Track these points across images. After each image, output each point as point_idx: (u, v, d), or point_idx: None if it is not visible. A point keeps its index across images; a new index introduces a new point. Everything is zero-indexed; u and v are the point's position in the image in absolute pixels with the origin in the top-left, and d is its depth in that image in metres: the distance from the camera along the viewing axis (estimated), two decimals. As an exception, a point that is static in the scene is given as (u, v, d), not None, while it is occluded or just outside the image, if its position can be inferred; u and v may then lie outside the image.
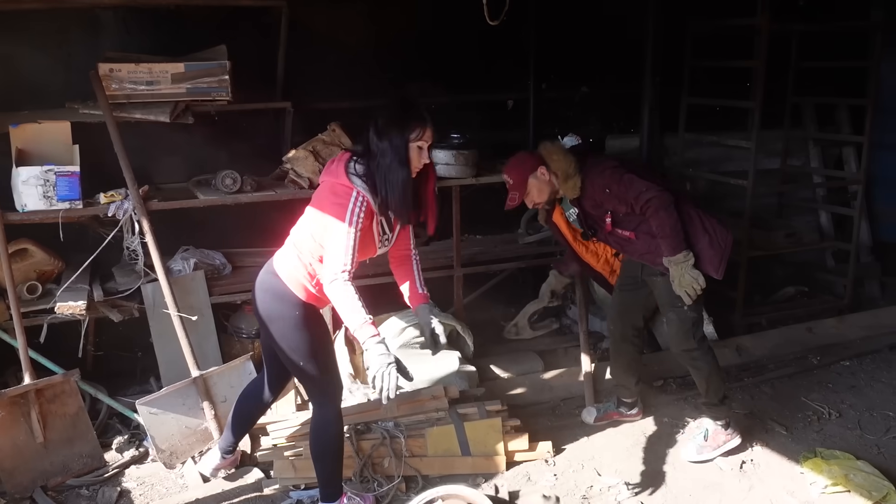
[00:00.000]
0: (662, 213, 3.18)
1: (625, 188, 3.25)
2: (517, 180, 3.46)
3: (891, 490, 3.16)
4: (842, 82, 5.29)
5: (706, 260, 3.23)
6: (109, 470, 3.37)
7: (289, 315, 2.78)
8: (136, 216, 3.53)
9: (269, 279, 2.83)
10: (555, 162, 3.39)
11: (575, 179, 3.36)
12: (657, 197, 3.18)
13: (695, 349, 3.38)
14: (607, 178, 3.30)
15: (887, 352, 4.54)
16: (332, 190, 2.67)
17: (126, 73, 3.63)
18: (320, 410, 2.91)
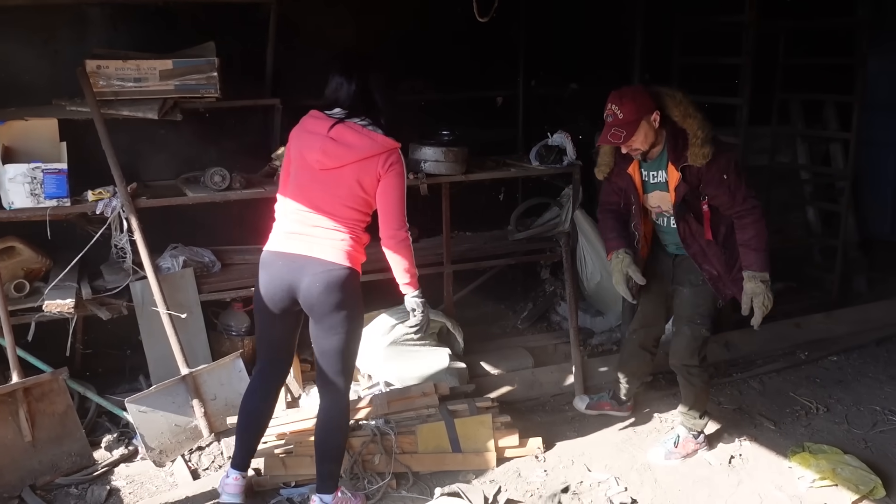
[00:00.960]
0: (762, 223, 3.08)
1: (738, 182, 3.05)
2: (629, 117, 3.01)
3: (878, 484, 3.19)
4: (829, 79, 5.33)
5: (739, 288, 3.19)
6: (98, 468, 3.35)
7: (354, 296, 2.80)
8: (125, 214, 3.51)
9: (326, 273, 2.73)
10: (691, 116, 3.03)
11: (709, 148, 3.02)
12: (760, 208, 3.08)
13: (695, 367, 3.37)
14: (728, 162, 3.05)
15: (874, 347, 4.58)
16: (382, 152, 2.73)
17: (114, 69, 3.61)
18: (340, 399, 2.90)
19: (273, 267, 2.82)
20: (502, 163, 4.43)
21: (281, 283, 2.80)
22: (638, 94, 3.07)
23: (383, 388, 3.76)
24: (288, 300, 2.83)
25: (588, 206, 4.59)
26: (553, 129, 4.42)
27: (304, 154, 2.79)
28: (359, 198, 2.77)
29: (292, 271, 2.77)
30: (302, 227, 2.80)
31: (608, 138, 3.04)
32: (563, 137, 4.35)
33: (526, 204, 4.73)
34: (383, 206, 2.78)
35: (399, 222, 2.79)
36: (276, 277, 2.81)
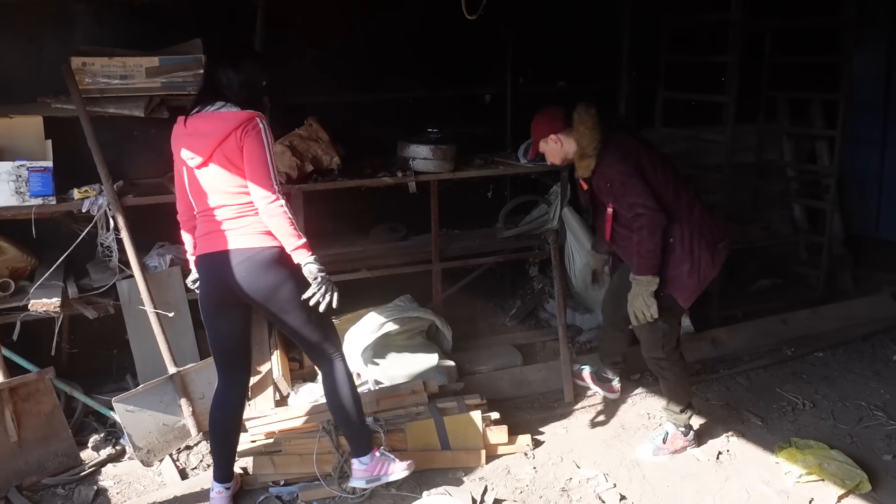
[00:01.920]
0: (646, 232, 3.14)
1: (624, 191, 3.18)
2: (533, 138, 3.48)
3: (863, 478, 3.21)
4: (815, 77, 5.36)
5: (679, 287, 3.24)
6: (86, 468, 3.33)
7: (285, 272, 2.77)
8: (111, 212, 3.49)
9: (248, 260, 2.73)
10: (579, 133, 3.28)
11: (590, 161, 3.26)
12: (648, 216, 3.12)
13: (663, 359, 3.39)
14: (614, 172, 3.20)
15: (860, 342, 4.62)
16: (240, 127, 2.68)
17: (99, 66, 3.58)
18: (336, 362, 2.94)
19: (204, 270, 2.86)
20: (490, 160, 4.44)
21: (216, 283, 2.82)
22: (543, 116, 3.44)
23: (372, 386, 3.76)
24: (228, 296, 2.82)
25: (576, 203, 4.60)
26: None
27: (179, 161, 2.83)
28: (240, 177, 2.72)
29: (221, 268, 2.77)
30: (211, 225, 2.80)
31: (528, 154, 3.60)
32: (551, 135, 4.34)
33: (514, 202, 4.74)
34: (249, 174, 2.70)
35: (267, 188, 2.68)
36: (210, 278, 2.84)
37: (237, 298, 2.83)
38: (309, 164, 3.88)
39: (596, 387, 3.94)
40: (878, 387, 4.11)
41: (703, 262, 3.23)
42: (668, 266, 3.23)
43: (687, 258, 3.22)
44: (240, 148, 2.68)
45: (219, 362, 2.99)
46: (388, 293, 4.20)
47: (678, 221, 3.22)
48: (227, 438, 3.04)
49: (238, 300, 2.84)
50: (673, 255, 3.21)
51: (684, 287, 3.24)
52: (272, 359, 3.93)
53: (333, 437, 3.27)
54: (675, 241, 3.21)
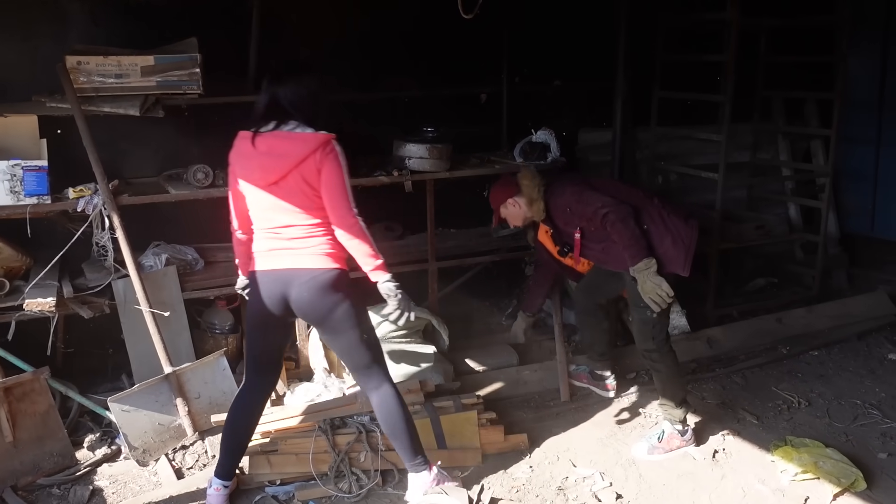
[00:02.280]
0: (620, 224, 3.29)
1: (583, 206, 3.39)
2: (494, 207, 3.77)
3: (859, 476, 3.22)
4: (810, 77, 5.37)
5: (671, 259, 3.33)
6: (81, 468, 3.32)
7: (343, 293, 2.82)
8: (106, 211, 3.49)
9: (312, 280, 2.77)
10: (524, 187, 3.59)
11: (538, 203, 3.57)
12: (613, 210, 3.30)
13: (654, 351, 3.44)
14: (567, 198, 3.48)
15: (855, 341, 4.63)
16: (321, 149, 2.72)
17: (94, 65, 3.57)
18: (388, 385, 2.95)
19: (263, 283, 2.85)
20: (486, 159, 4.44)
21: (273, 298, 2.83)
22: (498, 188, 3.74)
23: (368, 385, 3.75)
24: (282, 310, 2.86)
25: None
26: (537, 126, 4.43)
27: (246, 178, 2.80)
28: (312, 196, 2.75)
29: (282, 285, 2.80)
30: (276, 242, 2.81)
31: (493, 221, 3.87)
32: (547, 134, 4.36)
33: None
34: (327, 197, 2.74)
35: (345, 208, 2.74)
36: (267, 293, 2.84)
37: (288, 314, 2.88)
38: (305, 164, 3.87)
39: (592, 386, 3.97)
40: (873, 385, 4.12)
41: (681, 228, 3.36)
42: (652, 247, 3.33)
43: (665, 232, 3.35)
44: (318, 170, 2.70)
45: (251, 366, 3.02)
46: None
47: (644, 210, 3.39)
48: (239, 438, 3.04)
49: (288, 316, 2.91)
50: (652, 235, 3.35)
51: (675, 257, 3.33)
52: (268, 358, 3.92)
53: (329, 437, 3.27)
54: (649, 224, 3.36)
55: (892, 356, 4.45)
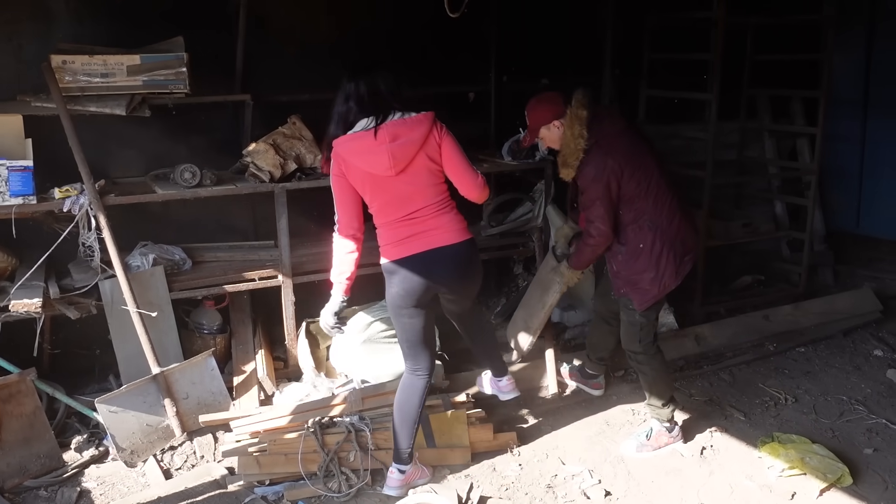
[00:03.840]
0: (588, 250, 3.36)
1: (588, 204, 3.25)
2: (531, 125, 3.39)
3: (845, 472, 3.25)
4: (796, 75, 5.40)
5: (639, 291, 3.30)
6: (68, 470, 3.31)
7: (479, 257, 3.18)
8: (93, 211, 3.46)
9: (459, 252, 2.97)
10: (566, 138, 3.24)
11: (570, 171, 3.29)
12: (596, 238, 3.28)
13: (639, 353, 3.43)
14: (587, 183, 3.23)
15: (841, 337, 4.66)
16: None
17: (80, 64, 3.55)
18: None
19: (411, 268, 2.94)
20: (475, 158, 4.42)
21: (423, 278, 2.94)
22: (541, 102, 3.33)
23: (358, 385, 3.75)
24: (432, 290, 3.01)
25: (560, 201, 4.61)
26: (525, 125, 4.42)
27: (375, 170, 2.85)
28: (437, 173, 2.94)
29: (430, 265, 2.93)
30: (416, 226, 2.93)
31: (522, 141, 3.62)
32: (534, 133, 4.35)
33: (498, 199, 4.74)
34: (453, 166, 2.95)
35: (472, 170, 3.00)
36: (417, 275, 2.93)
37: (434, 294, 3.05)
38: (292, 163, 3.87)
39: (581, 384, 3.97)
40: (859, 381, 4.16)
41: (667, 275, 3.27)
42: (631, 269, 3.30)
43: (653, 267, 3.26)
44: (438, 145, 2.91)
45: (412, 352, 3.10)
46: (374, 292, 4.18)
47: (653, 230, 3.24)
48: (414, 421, 3.12)
49: (434, 296, 3.07)
50: (638, 260, 3.27)
51: (644, 293, 3.30)
52: (256, 358, 3.92)
53: (319, 437, 3.26)
54: (645, 249, 3.26)
55: (877, 352, 4.49)
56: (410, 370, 3.12)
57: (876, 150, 5.60)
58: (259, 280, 3.90)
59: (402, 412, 3.10)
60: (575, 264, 3.54)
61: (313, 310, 4.10)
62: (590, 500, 3.17)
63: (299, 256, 3.98)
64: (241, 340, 4.02)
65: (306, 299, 4.01)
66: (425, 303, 3.02)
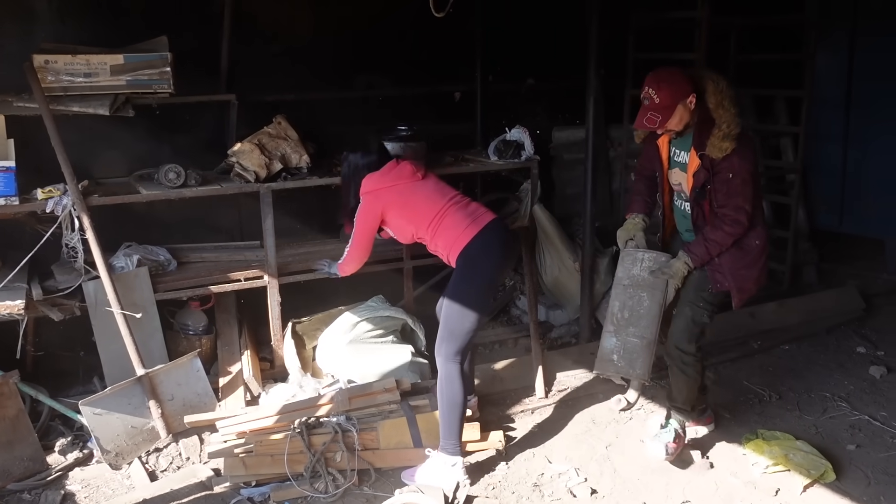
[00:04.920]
0: (730, 239, 3.07)
1: (740, 189, 3.02)
2: (665, 101, 3.03)
3: (828, 468, 3.28)
4: (779, 75, 5.44)
5: (742, 290, 3.18)
6: (52, 473, 3.28)
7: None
8: (76, 212, 3.43)
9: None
10: (724, 110, 3.00)
11: (729, 143, 2.99)
12: (742, 226, 3.06)
13: (691, 354, 3.30)
14: (744, 167, 3.01)
15: (824, 335, 4.70)
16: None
17: (62, 64, 3.52)
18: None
19: (494, 237, 3.20)
20: (461, 158, 4.44)
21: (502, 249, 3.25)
22: (675, 77, 3.06)
23: (344, 385, 3.75)
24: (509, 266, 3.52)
25: (546, 200, 4.62)
26: (511, 124, 4.44)
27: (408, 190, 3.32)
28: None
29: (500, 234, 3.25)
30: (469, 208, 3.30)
31: (643, 122, 3.07)
32: (520, 132, 4.37)
33: (485, 199, 4.74)
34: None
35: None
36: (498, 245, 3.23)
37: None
38: (278, 163, 3.86)
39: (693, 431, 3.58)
40: (842, 378, 4.20)
41: (762, 276, 3.22)
42: (740, 264, 3.14)
43: (757, 266, 3.16)
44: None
45: (466, 339, 3.17)
46: (360, 292, 4.18)
47: (764, 228, 3.16)
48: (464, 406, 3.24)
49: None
50: (748, 257, 3.14)
51: (745, 292, 3.19)
52: (242, 359, 3.90)
53: (305, 437, 3.25)
54: (759, 246, 3.14)
55: (859, 349, 4.53)
56: (454, 357, 3.16)
57: (858, 149, 5.65)
58: (245, 280, 3.88)
59: (455, 404, 3.17)
60: (703, 257, 3.14)
61: (299, 310, 4.11)
62: (576, 499, 3.18)
63: (285, 257, 3.97)
64: (226, 341, 4.00)
65: (292, 299, 4.00)
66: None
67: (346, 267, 3.55)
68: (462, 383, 3.18)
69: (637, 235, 3.40)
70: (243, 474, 3.22)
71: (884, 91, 5.40)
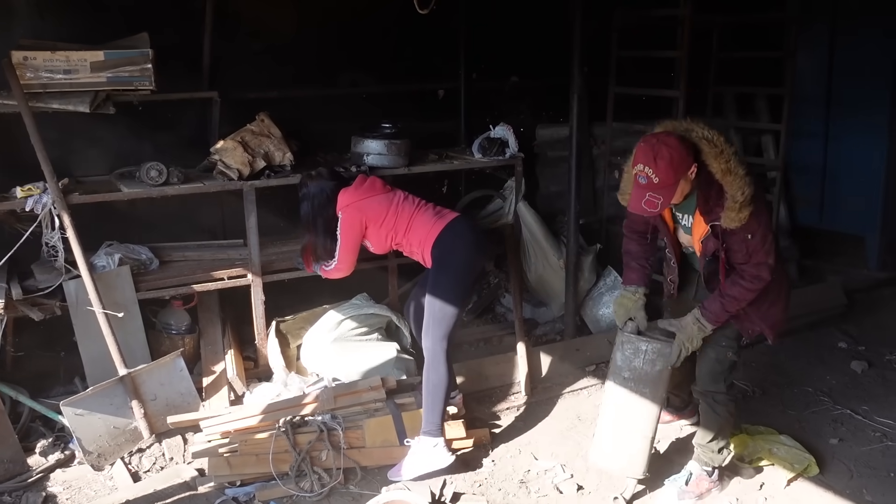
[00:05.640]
0: (751, 295, 2.83)
1: (759, 246, 2.77)
2: (667, 181, 2.67)
3: (811, 462, 3.31)
4: (760, 72, 5.48)
5: (773, 325, 3.01)
6: (33, 475, 3.24)
7: None
8: (56, 211, 3.40)
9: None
10: (728, 175, 2.68)
11: (746, 212, 2.69)
12: (763, 279, 2.80)
13: (722, 394, 3.08)
14: (759, 225, 2.75)
15: (806, 331, 4.73)
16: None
17: (42, 61, 3.48)
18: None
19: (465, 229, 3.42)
20: (445, 155, 4.44)
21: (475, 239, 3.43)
22: (674, 149, 2.66)
23: (330, 383, 3.73)
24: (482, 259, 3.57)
25: (531, 197, 4.63)
26: (495, 122, 4.44)
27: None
28: None
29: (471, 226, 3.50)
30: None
31: (643, 206, 2.70)
32: (505, 130, 4.37)
33: (469, 196, 4.75)
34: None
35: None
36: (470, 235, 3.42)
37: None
38: (261, 161, 3.83)
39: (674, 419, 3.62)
40: (825, 373, 4.23)
41: (790, 298, 3.06)
42: (765, 303, 2.93)
43: (783, 296, 2.99)
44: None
45: (452, 324, 3.27)
46: (345, 290, 4.17)
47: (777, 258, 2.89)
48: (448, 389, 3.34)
49: None
50: (770, 291, 2.90)
51: (778, 325, 3.03)
52: (226, 358, 3.87)
53: (290, 436, 3.23)
54: (775, 278, 2.87)
55: (841, 345, 4.57)
56: (441, 340, 3.25)
57: (838, 146, 5.70)
58: (228, 279, 3.85)
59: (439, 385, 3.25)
60: (720, 316, 2.88)
61: (283, 309, 4.09)
62: (563, 495, 3.18)
63: (269, 255, 3.94)
64: (209, 340, 3.97)
65: (276, 298, 3.98)
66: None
67: (332, 274, 3.61)
68: (448, 367, 3.27)
69: (638, 316, 3.09)
70: (228, 474, 3.19)
71: (862, 89, 5.45)
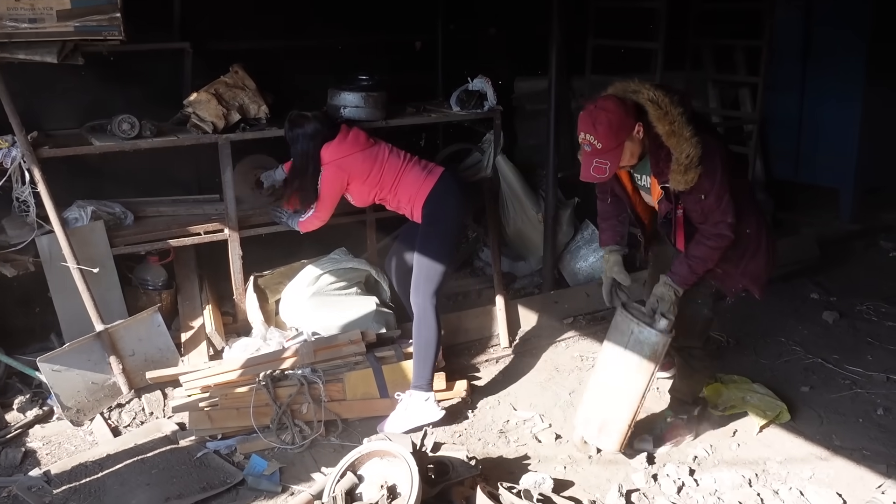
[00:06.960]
0: (716, 254, 2.79)
1: (716, 206, 2.73)
2: (609, 144, 2.65)
3: (783, 409, 3.39)
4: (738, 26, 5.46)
5: (756, 280, 3.00)
6: (11, 431, 3.23)
7: None
8: (26, 164, 3.32)
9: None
10: (673, 137, 2.64)
11: (693, 174, 2.65)
12: (727, 238, 2.76)
13: (698, 349, 3.13)
14: (711, 185, 2.69)
15: (780, 282, 4.79)
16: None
17: (5, 9, 3.34)
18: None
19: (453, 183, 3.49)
20: (422, 108, 4.38)
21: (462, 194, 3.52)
22: (612, 112, 2.64)
23: (309, 337, 3.73)
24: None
25: (509, 151, 4.60)
26: (473, 74, 4.39)
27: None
28: None
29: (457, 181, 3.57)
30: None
31: (591, 174, 2.68)
32: (483, 82, 4.32)
33: (447, 150, 4.71)
34: None
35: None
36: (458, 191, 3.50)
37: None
38: (236, 113, 3.76)
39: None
40: (797, 324, 4.31)
41: (773, 252, 3.00)
42: (743, 258, 2.92)
43: (764, 252, 2.95)
44: None
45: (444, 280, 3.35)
46: (323, 245, 4.15)
47: (753, 213, 2.91)
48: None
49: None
50: (748, 247, 2.90)
51: (760, 279, 3.00)
52: (204, 313, 3.85)
53: (270, 390, 3.24)
54: (752, 233, 2.88)
55: (813, 296, 4.65)
56: (431, 296, 3.30)
57: (814, 100, 5.72)
58: (204, 234, 3.81)
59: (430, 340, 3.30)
60: (688, 278, 2.84)
61: (261, 263, 4.06)
62: (541, 444, 3.24)
63: (245, 210, 3.90)
64: (187, 296, 3.94)
65: (253, 253, 3.95)
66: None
67: (308, 225, 3.61)
68: (438, 322, 3.33)
69: (620, 276, 3.04)
70: (209, 428, 3.21)
71: (839, 42, 5.45)
